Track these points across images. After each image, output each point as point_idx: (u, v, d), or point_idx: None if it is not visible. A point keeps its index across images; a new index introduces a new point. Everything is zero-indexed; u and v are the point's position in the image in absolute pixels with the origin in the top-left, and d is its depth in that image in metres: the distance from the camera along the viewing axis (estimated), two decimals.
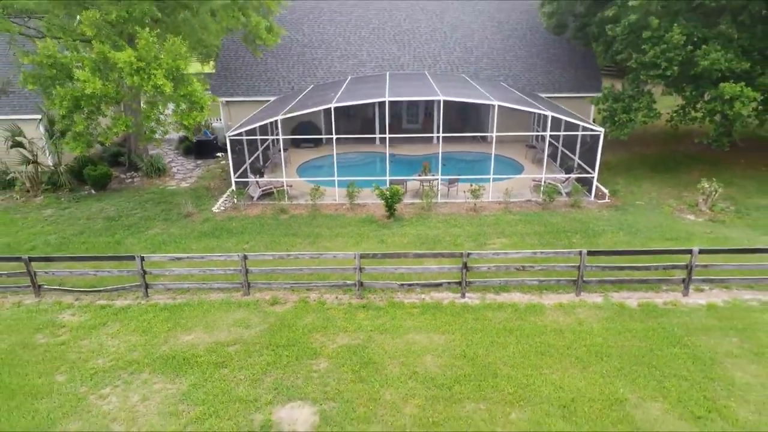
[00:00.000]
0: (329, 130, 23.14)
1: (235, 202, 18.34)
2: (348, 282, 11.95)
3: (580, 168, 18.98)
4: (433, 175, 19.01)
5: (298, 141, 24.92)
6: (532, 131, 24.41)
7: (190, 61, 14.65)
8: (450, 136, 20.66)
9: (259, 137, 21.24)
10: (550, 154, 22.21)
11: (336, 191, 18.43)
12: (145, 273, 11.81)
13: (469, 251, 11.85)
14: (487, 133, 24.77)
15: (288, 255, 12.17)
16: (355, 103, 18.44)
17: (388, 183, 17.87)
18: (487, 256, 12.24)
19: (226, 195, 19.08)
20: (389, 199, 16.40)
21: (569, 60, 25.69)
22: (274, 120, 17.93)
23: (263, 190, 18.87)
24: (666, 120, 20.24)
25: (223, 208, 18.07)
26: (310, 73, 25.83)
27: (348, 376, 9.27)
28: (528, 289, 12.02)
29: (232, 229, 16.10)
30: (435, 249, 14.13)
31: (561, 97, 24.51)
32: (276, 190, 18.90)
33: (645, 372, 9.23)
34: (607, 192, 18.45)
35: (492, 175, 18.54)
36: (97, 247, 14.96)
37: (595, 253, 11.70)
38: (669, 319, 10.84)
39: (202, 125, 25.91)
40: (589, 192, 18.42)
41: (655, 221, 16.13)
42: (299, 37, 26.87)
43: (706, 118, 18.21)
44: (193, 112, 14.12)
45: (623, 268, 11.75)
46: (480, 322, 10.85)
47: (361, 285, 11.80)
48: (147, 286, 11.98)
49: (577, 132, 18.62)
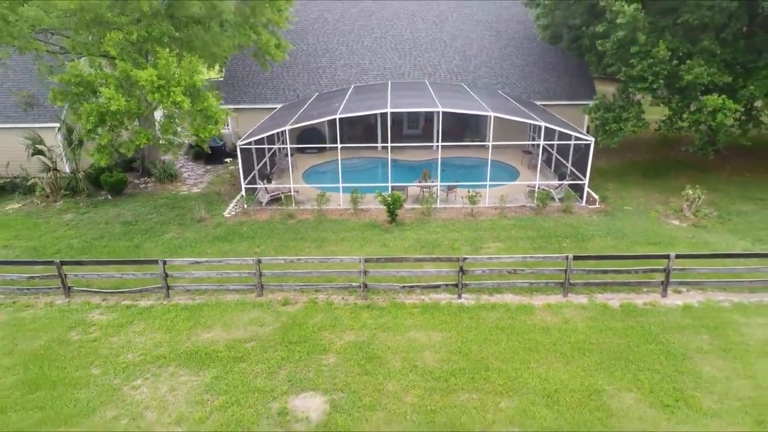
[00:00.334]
0: (333, 137, 24.19)
1: (245, 207, 19.35)
2: (353, 284, 12.96)
3: (573, 174, 19.97)
4: (432, 181, 20.01)
5: (304, 147, 25.90)
6: (528, 138, 25.39)
7: (201, 73, 15.63)
8: (449, 145, 21.64)
9: (267, 146, 22.24)
10: (545, 160, 23.25)
11: (341, 197, 19.44)
12: (167, 276, 12.84)
13: (465, 256, 12.85)
14: (484, 140, 25.74)
15: (298, 259, 13.19)
16: (359, 114, 19.42)
17: (390, 189, 18.89)
18: (481, 260, 13.26)
19: (236, 200, 20.10)
20: (391, 205, 17.40)
21: (564, 69, 26.67)
22: (283, 130, 18.92)
23: (271, 196, 19.88)
24: (654, 129, 21.21)
25: (233, 213, 19.08)
26: (314, 82, 26.84)
27: (354, 369, 10.29)
28: (519, 290, 13.03)
29: (243, 234, 17.12)
30: (434, 253, 15.14)
31: (556, 105, 25.49)
32: (283, 196, 19.93)
33: (622, 366, 10.24)
34: (598, 198, 19.46)
35: (488, 181, 19.53)
36: (117, 251, 16.00)
37: (581, 257, 12.72)
38: (647, 318, 11.85)
39: None
40: (580, 198, 19.40)
41: (641, 226, 17.13)
42: (304, 46, 27.87)
43: (692, 128, 19.20)
44: (209, 125, 15.18)
45: (607, 272, 12.76)
46: (474, 321, 11.86)
47: (365, 287, 12.82)
48: (168, 288, 13.01)
49: (569, 141, 19.61)
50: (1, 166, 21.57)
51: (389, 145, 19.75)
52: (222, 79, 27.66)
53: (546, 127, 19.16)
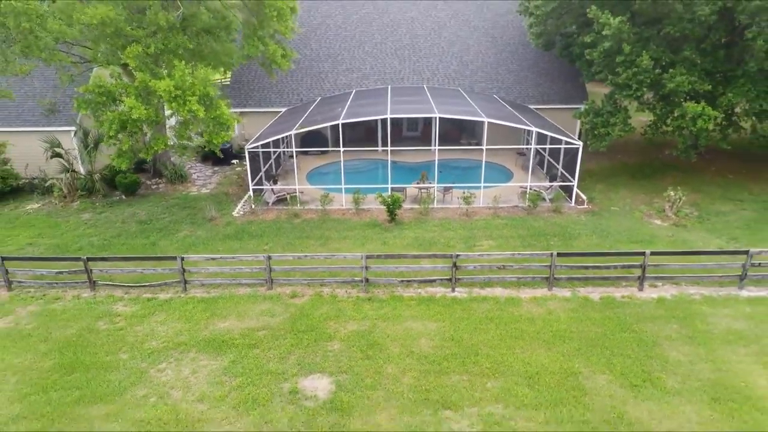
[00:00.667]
0: (335, 140, 25.31)
1: (253, 207, 20.49)
2: (356, 279, 14.10)
3: (563, 176, 21.08)
4: (430, 182, 21.14)
5: (310, 146, 26.99)
6: (522, 141, 26.48)
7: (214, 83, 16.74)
8: (445, 148, 22.76)
9: (272, 149, 23.35)
10: (539, 162, 24.37)
11: (343, 197, 20.56)
12: (184, 271, 13.99)
13: (459, 253, 13.99)
14: (480, 143, 26.82)
15: (305, 255, 14.32)
16: (361, 120, 20.54)
17: (390, 190, 20.02)
18: (473, 257, 14.41)
19: (244, 200, 21.23)
20: (390, 206, 18.53)
21: (558, 74, 27.77)
22: (289, 134, 20.04)
23: (278, 196, 21.01)
24: (641, 133, 22.32)
25: (242, 213, 20.21)
26: (317, 86, 27.94)
27: (357, 354, 11.44)
28: (508, 284, 14.17)
29: (252, 232, 18.25)
30: (430, 250, 16.27)
31: (550, 109, 26.58)
32: (289, 196, 21.07)
33: (598, 351, 11.39)
34: (586, 198, 20.58)
35: (483, 183, 20.66)
36: (135, 249, 17.14)
37: (564, 254, 13.87)
38: (624, 309, 12.99)
39: None
40: (570, 198, 20.53)
41: (625, 225, 18.25)
42: (307, 52, 28.96)
43: (675, 133, 20.30)
44: (221, 132, 16.32)
45: (588, 267, 13.90)
46: (466, 312, 13.01)
47: (367, 281, 13.96)
48: (186, 282, 14.15)
49: (560, 145, 20.71)
50: (21, 168, 22.68)
51: (389, 148, 20.88)
52: (228, 83, 28.74)
53: (537, 132, 20.26)
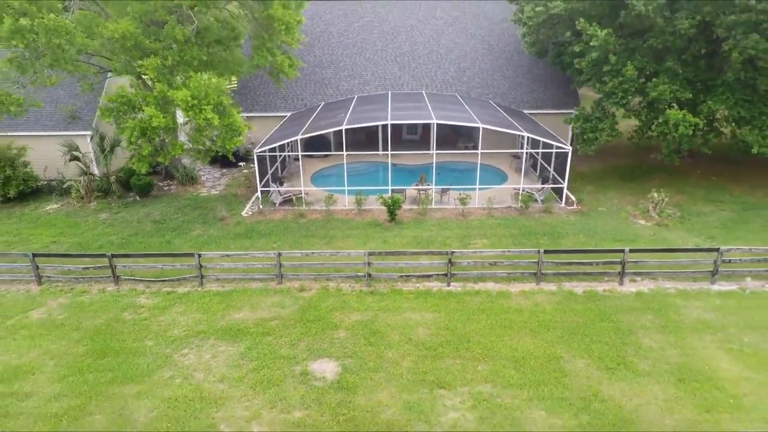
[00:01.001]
0: (338, 143, 26.50)
1: (261, 208, 21.68)
2: (359, 274, 15.30)
3: (554, 178, 22.27)
4: (428, 184, 22.34)
5: (313, 150, 28.16)
6: (516, 145, 27.66)
7: (227, 93, 17.93)
8: (443, 152, 23.96)
9: (278, 153, 24.55)
10: (532, 165, 25.58)
11: (346, 198, 21.76)
12: (201, 266, 15.19)
13: (453, 250, 15.19)
14: (476, 146, 27.99)
15: (312, 252, 15.53)
16: (363, 125, 21.73)
17: (390, 192, 21.21)
18: (467, 253, 15.61)
19: (252, 201, 22.42)
20: (391, 206, 19.73)
21: (551, 80, 28.95)
22: (295, 139, 21.24)
23: (284, 197, 22.21)
24: (627, 138, 23.53)
25: (250, 213, 21.40)
26: (320, 92, 29.13)
27: (361, 341, 12.64)
28: (499, 279, 15.36)
29: (261, 231, 19.44)
30: (428, 248, 17.45)
31: (543, 114, 27.75)
32: (295, 197, 22.26)
33: (578, 339, 12.59)
34: (575, 199, 21.78)
35: (478, 185, 21.85)
36: (152, 246, 18.32)
37: (551, 251, 15.08)
38: (604, 302, 14.19)
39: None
40: (560, 199, 21.73)
41: (611, 225, 19.46)
42: (311, 58, 30.14)
43: (660, 138, 21.49)
44: (234, 138, 17.52)
45: (573, 263, 15.10)
46: (460, 304, 14.21)
47: (369, 276, 15.16)
48: (202, 277, 15.35)
49: (551, 149, 21.91)
50: (40, 171, 23.86)
51: (389, 152, 22.09)
52: (235, 87, 29.91)
53: (529, 137, 21.46)
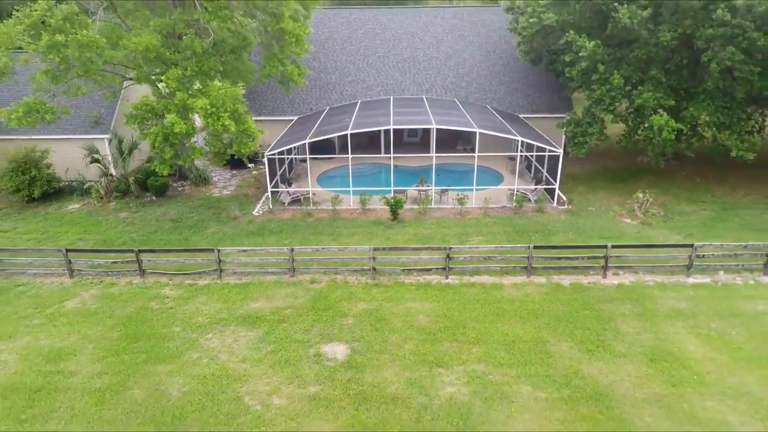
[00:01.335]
0: (341, 146, 27.90)
1: (271, 207, 23.07)
2: (364, 268, 16.69)
3: (547, 180, 23.66)
4: (428, 185, 23.73)
5: (319, 153, 29.52)
6: (512, 147, 28.99)
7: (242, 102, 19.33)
8: (442, 155, 25.35)
9: (286, 155, 25.93)
10: (527, 166, 26.97)
11: (351, 198, 23.14)
12: (220, 261, 16.57)
13: (451, 245, 16.57)
14: (474, 148, 29.37)
15: (321, 248, 16.92)
16: (367, 130, 23.13)
17: (392, 192, 22.59)
18: (464, 249, 17.00)
19: (262, 201, 23.81)
20: (393, 206, 21.12)
21: (545, 86, 30.33)
22: (304, 143, 22.62)
23: (292, 197, 23.59)
24: (616, 142, 24.94)
25: (261, 212, 22.79)
26: (325, 96, 30.52)
27: (367, 327, 14.04)
28: (493, 273, 16.74)
29: (271, 229, 20.83)
30: (428, 244, 18.83)
31: (538, 118, 29.12)
32: (302, 197, 23.65)
33: (563, 325, 13.98)
34: (566, 199, 23.17)
35: (475, 186, 23.25)
36: (171, 243, 19.70)
37: (541, 247, 16.48)
38: (589, 293, 15.58)
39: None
40: (552, 199, 23.11)
41: (599, 224, 20.85)
42: (316, 64, 31.52)
43: (646, 142, 22.88)
44: (248, 142, 18.90)
45: (561, 258, 16.49)
46: (457, 295, 15.60)
47: (374, 270, 16.55)
48: (221, 271, 16.74)
49: (544, 153, 23.30)
50: (61, 172, 25.24)
51: (392, 155, 23.47)
52: (243, 91, 31.25)
53: (523, 140, 22.85)
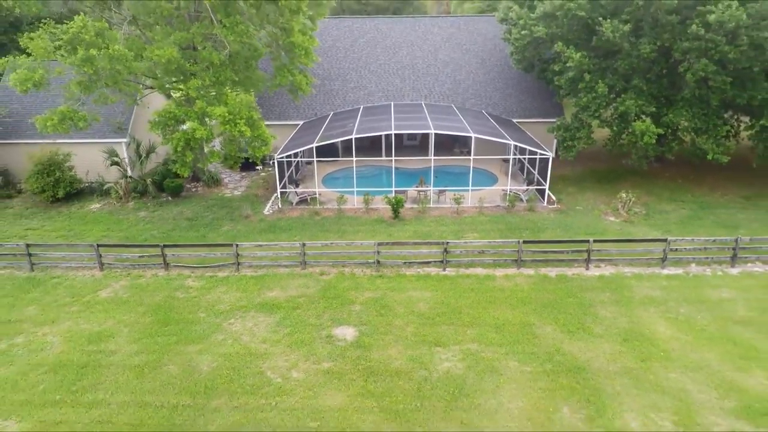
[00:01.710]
0: (344, 149, 29.54)
1: (280, 207, 24.70)
2: (369, 261, 18.32)
3: (538, 181, 25.33)
4: (427, 186, 25.38)
5: (323, 155, 31.16)
6: (506, 150, 30.71)
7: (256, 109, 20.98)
8: (440, 158, 27.00)
9: (294, 159, 27.56)
10: (520, 168, 28.65)
11: (355, 198, 24.78)
12: (238, 255, 18.19)
13: (448, 241, 18.22)
14: (470, 151, 31.06)
15: (330, 243, 18.55)
16: (370, 135, 24.79)
17: (394, 192, 24.23)
18: (460, 244, 18.65)
19: (272, 201, 25.43)
20: (395, 205, 22.76)
21: (538, 92, 32.03)
22: (311, 147, 24.26)
23: (300, 198, 25.22)
24: (602, 145, 26.64)
25: (271, 212, 24.40)
26: (329, 102, 32.17)
27: (373, 313, 15.67)
28: (486, 265, 18.39)
29: (282, 227, 22.45)
30: (427, 239, 20.48)
31: (531, 122, 30.81)
32: (309, 198, 25.29)
33: (548, 311, 15.63)
34: (556, 199, 24.84)
35: (471, 186, 24.91)
36: (189, 240, 21.30)
37: (529, 241, 18.15)
38: (572, 283, 17.24)
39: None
40: (542, 199, 24.78)
41: (585, 221, 22.52)
42: (320, 71, 33.15)
43: (630, 145, 24.58)
44: (262, 147, 20.55)
45: (547, 252, 18.15)
46: (454, 285, 17.24)
47: (378, 263, 18.18)
48: (239, 264, 18.36)
49: (535, 156, 24.99)
50: (82, 174, 26.82)
51: (393, 158, 25.11)
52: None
53: (515, 144, 24.53)
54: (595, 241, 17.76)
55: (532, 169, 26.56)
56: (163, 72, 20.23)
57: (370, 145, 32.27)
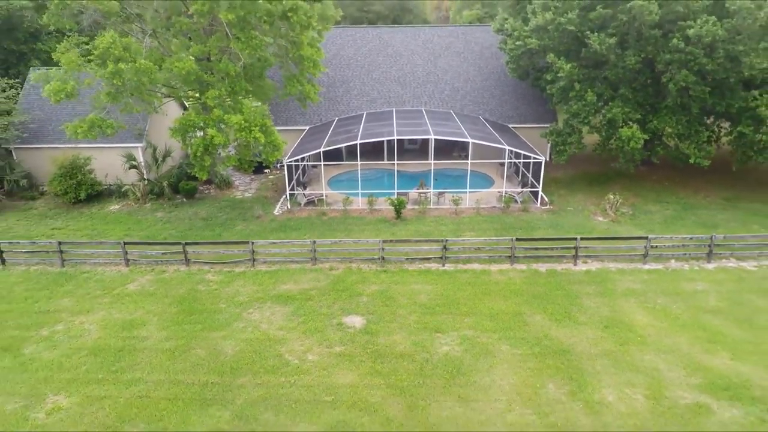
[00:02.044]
0: (348, 153, 31.09)
1: (289, 208, 26.26)
2: (375, 257, 19.88)
3: (532, 183, 26.91)
4: (427, 188, 26.96)
5: (329, 159, 32.73)
6: (502, 154, 32.28)
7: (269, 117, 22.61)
8: (439, 162, 28.58)
9: (301, 162, 29.15)
10: (515, 171, 30.24)
11: (359, 200, 26.35)
12: (253, 251, 19.75)
13: (447, 238, 19.79)
14: (468, 155, 32.66)
15: (339, 240, 20.11)
16: (374, 140, 26.38)
17: (396, 194, 25.80)
18: (458, 241, 20.22)
19: (281, 202, 27.00)
20: (397, 206, 24.33)
21: (532, 98, 33.64)
22: (318, 151, 25.84)
23: (308, 199, 26.79)
24: (592, 150, 28.25)
25: (280, 212, 25.97)
26: (333, 108, 33.78)
27: (379, 303, 17.22)
28: (482, 261, 19.95)
29: (291, 226, 24.02)
30: (428, 238, 22.03)
31: (526, 127, 32.43)
32: (316, 199, 26.86)
33: (538, 302, 17.20)
34: (548, 200, 26.44)
35: (468, 189, 26.49)
36: (206, 238, 22.83)
37: (522, 239, 19.73)
38: (561, 277, 18.81)
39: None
40: (536, 200, 26.37)
41: (575, 221, 24.10)
42: (324, 79, 34.71)
43: (617, 150, 26.17)
44: (275, 152, 22.15)
45: (538, 249, 19.72)
46: (452, 279, 18.80)
47: (383, 259, 19.75)
48: (254, 260, 19.91)
49: (529, 160, 26.59)
50: (101, 177, 28.37)
51: (395, 162, 26.70)
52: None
53: (509, 149, 26.14)
54: (582, 238, 19.35)
55: (526, 172, 28.15)
56: (183, 82, 21.82)
57: (372, 150, 33.82)
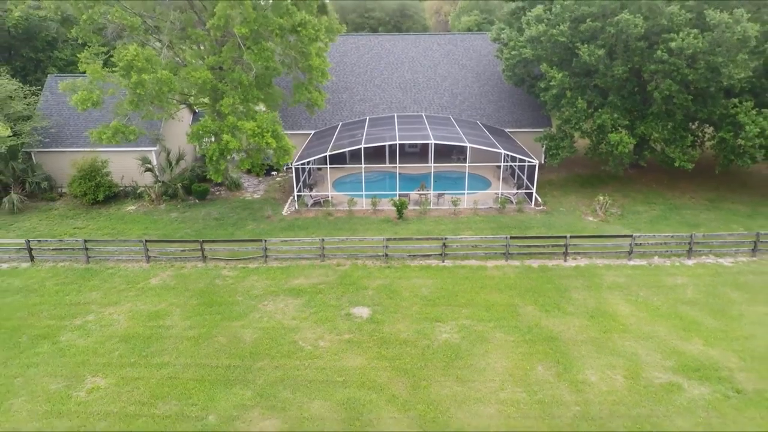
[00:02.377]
0: (352, 156, 32.56)
1: (297, 208, 27.74)
2: (379, 254, 21.35)
3: (526, 185, 28.42)
4: (427, 190, 28.45)
5: (334, 162, 34.21)
6: (499, 157, 33.82)
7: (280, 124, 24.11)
8: (439, 165, 30.07)
9: (308, 166, 30.63)
10: (511, 173, 31.74)
11: (363, 201, 27.83)
12: (266, 249, 21.22)
13: (447, 237, 21.27)
14: (466, 158, 34.18)
15: (346, 238, 21.60)
16: (377, 144, 27.87)
17: (398, 196, 27.29)
18: (456, 239, 21.71)
19: (288, 203, 28.47)
20: (399, 207, 25.81)
21: (528, 104, 35.18)
22: (325, 155, 27.34)
23: (314, 200, 28.26)
24: (584, 154, 29.77)
25: (288, 213, 27.44)
26: (337, 113, 35.27)
27: (383, 296, 18.70)
28: (479, 257, 21.44)
29: (300, 226, 25.49)
30: (428, 236, 23.51)
31: (521, 132, 33.94)
32: (323, 200, 28.33)
33: (530, 294, 18.68)
34: (542, 201, 27.94)
35: (467, 190, 27.98)
36: (219, 236, 24.27)
37: (516, 237, 21.23)
38: (552, 272, 20.30)
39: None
40: (530, 201, 27.87)
41: (566, 221, 25.60)
42: (329, 85, 36.15)
43: (607, 154, 27.69)
44: (285, 156, 23.63)
45: (531, 246, 21.22)
46: (451, 274, 20.28)
47: (386, 256, 21.22)
48: (266, 257, 21.38)
49: (524, 163, 28.10)
50: (117, 179, 29.83)
51: (397, 165, 28.18)
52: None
53: (505, 153, 27.65)
54: (572, 237, 20.86)
55: (521, 174, 29.66)
56: (198, 91, 23.30)
57: (375, 153, 35.36)
